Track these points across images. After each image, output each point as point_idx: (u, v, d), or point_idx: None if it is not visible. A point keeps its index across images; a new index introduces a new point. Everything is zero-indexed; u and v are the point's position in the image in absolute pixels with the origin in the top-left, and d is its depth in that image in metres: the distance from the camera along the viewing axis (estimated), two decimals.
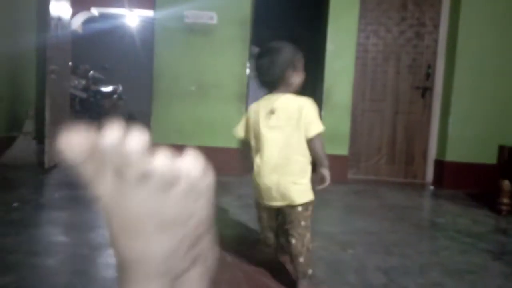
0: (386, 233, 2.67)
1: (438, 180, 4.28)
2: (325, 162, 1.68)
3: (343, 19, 4.23)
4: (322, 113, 4.23)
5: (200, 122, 4.19)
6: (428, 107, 4.43)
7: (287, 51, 1.69)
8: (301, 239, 1.63)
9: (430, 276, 2.01)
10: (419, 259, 2.22)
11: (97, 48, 8.12)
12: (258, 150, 1.69)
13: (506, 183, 3.22)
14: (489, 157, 3.96)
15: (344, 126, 4.26)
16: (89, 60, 6.67)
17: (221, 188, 3.54)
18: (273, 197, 1.67)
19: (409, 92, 4.43)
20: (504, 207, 3.20)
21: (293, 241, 1.63)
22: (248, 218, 2.57)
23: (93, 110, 6.28)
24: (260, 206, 1.76)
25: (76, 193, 3.27)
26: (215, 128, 4.19)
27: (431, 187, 4.29)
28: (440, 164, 4.30)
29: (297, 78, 1.70)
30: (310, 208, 1.68)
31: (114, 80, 6.81)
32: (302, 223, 1.64)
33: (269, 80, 1.70)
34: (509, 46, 4.14)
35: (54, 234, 2.36)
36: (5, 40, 4.25)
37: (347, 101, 4.25)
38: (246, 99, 4.26)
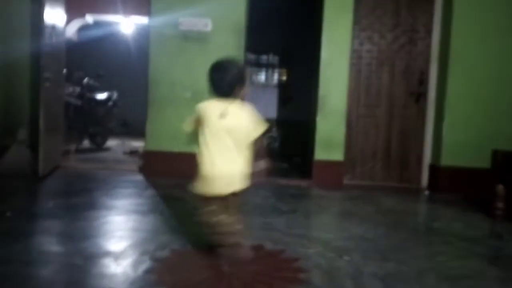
0: (382, 238, 2.67)
1: (433, 185, 4.29)
2: (264, 154, 2.08)
3: (337, 25, 4.26)
4: (317, 119, 4.24)
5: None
6: (422, 112, 4.45)
7: (234, 69, 2.04)
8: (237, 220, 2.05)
9: (427, 282, 2.01)
10: (415, 265, 2.21)
11: (92, 55, 8.09)
12: (210, 144, 1.97)
13: (500, 187, 3.24)
14: (484, 162, 3.98)
15: (339, 132, 4.27)
16: (84, 67, 6.62)
17: None
18: (225, 186, 1.96)
19: (403, 97, 4.46)
20: (498, 212, 3.21)
21: (232, 221, 2.00)
22: (246, 224, 2.55)
23: (87, 118, 6.23)
24: (209, 198, 1.97)
25: (70, 201, 3.25)
26: None
27: (426, 192, 4.30)
28: (435, 169, 4.32)
29: (242, 90, 2.07)
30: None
31: (109, 87, 6.76)
32: (237, 207, 2.06)
33: (220, 93, 2.03)
34: (501, 51, 4.17)
35: (48, 243, 2.33)
36: None
37: (342, 107, 4.27)
38: None
